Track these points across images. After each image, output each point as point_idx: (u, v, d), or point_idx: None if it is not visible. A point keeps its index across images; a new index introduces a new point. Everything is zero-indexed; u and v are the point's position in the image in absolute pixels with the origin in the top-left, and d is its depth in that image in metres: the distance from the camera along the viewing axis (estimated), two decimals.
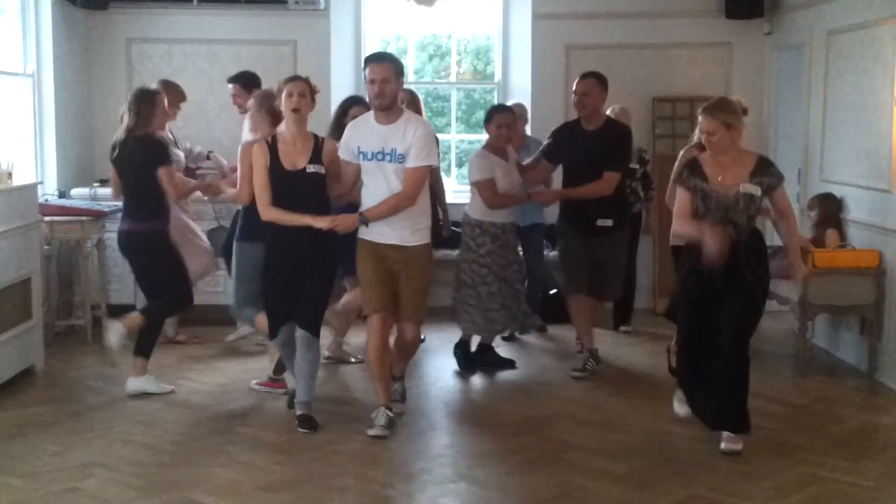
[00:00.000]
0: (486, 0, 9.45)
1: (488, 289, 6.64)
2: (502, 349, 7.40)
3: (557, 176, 7.03)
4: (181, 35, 8.86)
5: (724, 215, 5.24)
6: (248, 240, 5.97)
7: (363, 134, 5.58)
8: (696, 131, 5.59)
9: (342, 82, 8.99)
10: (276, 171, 5.53)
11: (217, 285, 7.92)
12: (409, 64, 9.79)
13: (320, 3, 8.88)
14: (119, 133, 6.20)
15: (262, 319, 5.93)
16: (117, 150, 6.19)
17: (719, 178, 5.27)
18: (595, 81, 6.68)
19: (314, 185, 5.57)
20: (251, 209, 5.77)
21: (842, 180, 7.35)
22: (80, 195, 7.96)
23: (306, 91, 5.59)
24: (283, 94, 5.57)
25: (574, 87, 6.72)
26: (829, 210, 7.26)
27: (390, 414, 5.61)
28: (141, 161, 6.13)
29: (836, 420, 5.96)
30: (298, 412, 5.67)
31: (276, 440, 5.55)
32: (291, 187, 5.52)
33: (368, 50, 9.48)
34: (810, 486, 4.94)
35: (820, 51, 7.72)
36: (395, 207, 5.52)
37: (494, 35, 9.58)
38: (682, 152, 6.45)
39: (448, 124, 9.89)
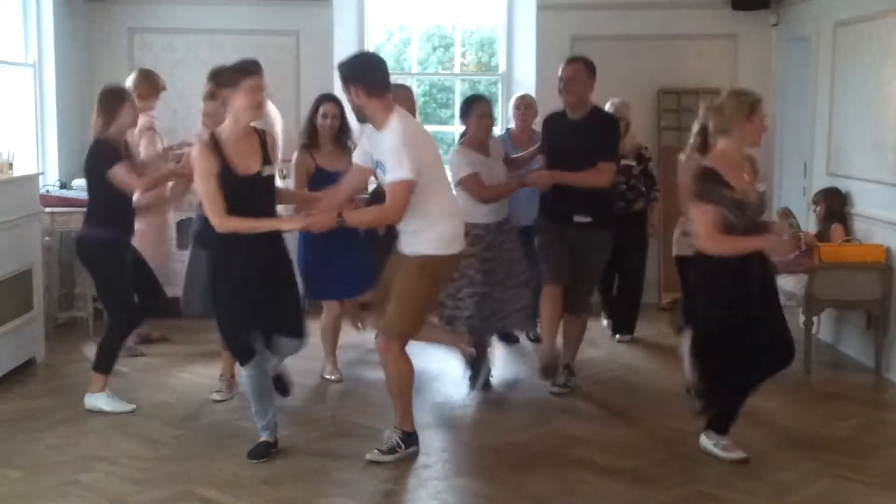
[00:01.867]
0: None
1: (455, 297, 6.18)
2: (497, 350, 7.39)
3: None
4: (183, 25, 8.81)
5: (751, 222, 4.93)
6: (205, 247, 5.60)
7: (373, 140, 5.09)
8: (695, 130, 5.21)
9: None
10: (230, 178, 4.90)
11: None
12: (413, 55, 9.75)
13: None
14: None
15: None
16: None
17: (745, 178, 4.94)
18: (582, 66, 6.19)
19: (269, 188, 5.11)
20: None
21: (848, 174, 7.30)
22: (81, 186, 7.87)
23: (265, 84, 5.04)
24: (245, 89, 4.89)
25: (559, 73, 6.27)
26: (835, 205, 7.21)
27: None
28: (90, 166, 5.87)
29: (841, 416, 5.93)
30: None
31: (278, 434, 5.51)
32: (249, 195, 4.95)
33: (372, 41, 9.45)
34: (815, 483, 4.91)
35: (827, 43, 7.67)
36: (377, 219, 5.33)
37: (499, 26, 9.53)
38: (682, 158, 5.71)
39: (452, 116, 9.85)
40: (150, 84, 7.31)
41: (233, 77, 4.93)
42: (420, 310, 5.16)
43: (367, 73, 5.00)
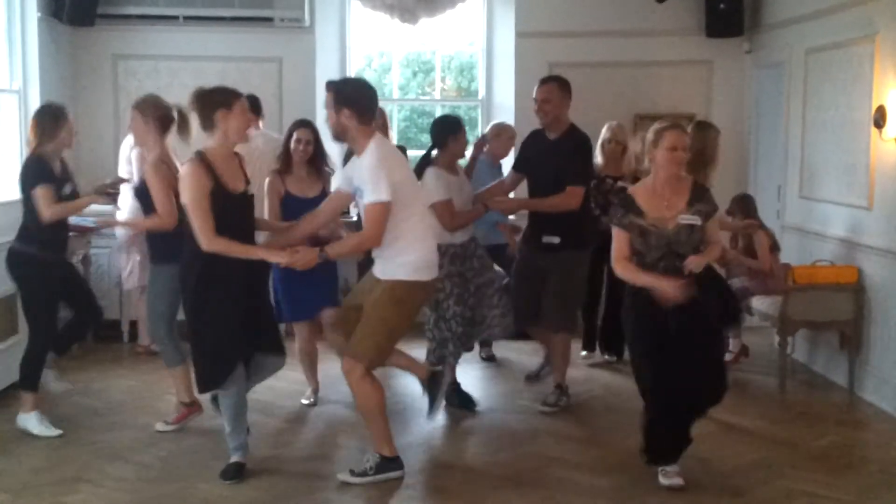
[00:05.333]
0: (469, 17, 9.53)
1: (435, 315, 6.28)
2: (479, 370, 7.45)
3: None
4: (167, 52, 8.90)
5: (669, 250, 4.97)
6: (165, 261, 5.67)
7: (353, 166, 5.21)
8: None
9: None
10: (223, 197, 4.97)
11: None
12: (394, 80, 9.86)
13: (305, 20, 8.93)
14: None
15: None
16: None
17: (665, 207, 4.98)
18: (555, 86, 6.30)
19: (252, 207, 5.22)
20: (156, 233, 5.66)
21: (821, 197, 7.45)
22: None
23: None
24: (239, 110, 5.04)
25: (534, 93, 6.38)
26: (750, 209, 7.37)
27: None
28: (22, 181, 5.84)
29: (816, 435, 6.03)
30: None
31: (262, 455, 5.57)
32: (237, 214, 5.06)
33: (354, 66, 9.56)
34: (791, 501, 5.00)
35: (799, 69, 7.83)
36: (357, 246, 5.29)
37: (478, 52, 9.66)
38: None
39: None
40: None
41: (227, 98, 5.05)
42: (387, 335, 5.14)
43: (362, 98, 5.11)
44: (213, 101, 5.04)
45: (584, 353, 7.76)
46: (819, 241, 7.41)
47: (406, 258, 5.09)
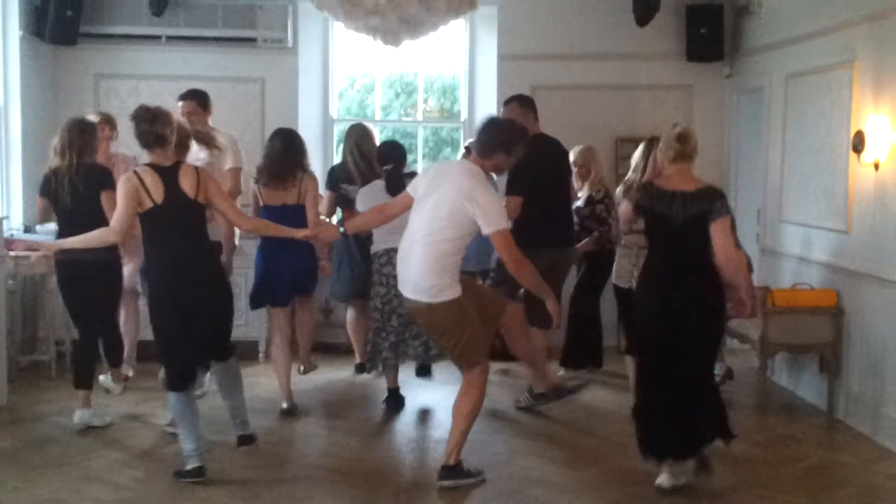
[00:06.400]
0: (452, 40, 9.57)
1: (377, 323, 6.82)
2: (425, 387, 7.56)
3: None
4: (149, 71, 8.90)
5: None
6: None
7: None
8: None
9: (310, 120, 9.07)
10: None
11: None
12: (377, 101, 9.89)
13: (288, 41, 8.95)
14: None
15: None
16: None
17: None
18: (516, 105, 6.71)
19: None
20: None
21: (800, 220, 7.50)
22: (45, 231, 7.92)
23: None
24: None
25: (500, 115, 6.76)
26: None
27: None
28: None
29: (796, 457, 6.05)
30: (242, 433, 5.73)
31: (240, 476, 5.55)
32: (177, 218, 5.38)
33: (336, 88, 9.58)
34: None
35: (778, 93, 7.90)
36: (371, 222, 5.92)
37: (461, 74, 9.70)
38: (619, 189, 6.83)
39: (415, 161, 9.98)
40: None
41: None
42: (471, 335, 5.35)
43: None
44: None
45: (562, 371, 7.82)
46: (798, 265, 7.46)
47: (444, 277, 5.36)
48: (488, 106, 9.28)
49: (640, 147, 6.74)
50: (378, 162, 7.03)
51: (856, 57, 6.67)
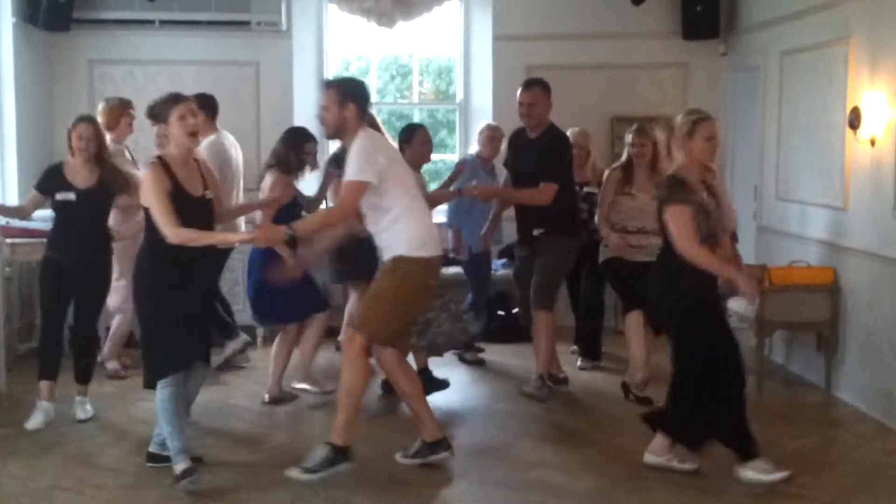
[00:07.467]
0: (446, 21, 9.54)
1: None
2: (461, 373, 7.48)
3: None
4: (143, 56, 8.88)
5: (711, 231, 5.13)
6: None
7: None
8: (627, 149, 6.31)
9: (304, 103, 9.03)
10: (181, 199, 5.06)
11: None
12: (372, 84, 9.86)
13: (282, 24, 8.92)
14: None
15: None
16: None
17: (704, 195, 5.13)
18: (541, 91, 6.57)
19: (212, 212, 5.28)
20: None
21: (797, 198, 7.50)
22: (41, 217, 7.90)
23: (196, 110, 5.24)
24: (175, 118, 5.08)
25: (519, 97, 6.59)
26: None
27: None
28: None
29: (794, 435, 6.06)
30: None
31: (242, 459, 5.57)
32: (196, 215, 5.10)
33: (331, 71, 9.56)
34: (769, 501, 5.04)
35: (774, 71, 7.88)
36: (323, 220, 5.54)
37: (456, 56, 9.67)
38: (607, 173, 6.87)
39: None
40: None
41: (164, 110, 5.13)
42: (391, 312, 5.21)
43: (365, 94, 5.39)
44: (155, 117, 5.19)
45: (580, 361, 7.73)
46: (795, 243, 7.45)
47: (403, 233, 5.20)
48: (484, 87, 9.28)
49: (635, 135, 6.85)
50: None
51: (851, 33, 6.65)
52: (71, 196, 6.05)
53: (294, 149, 6.62)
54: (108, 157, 6.22)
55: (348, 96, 5.19)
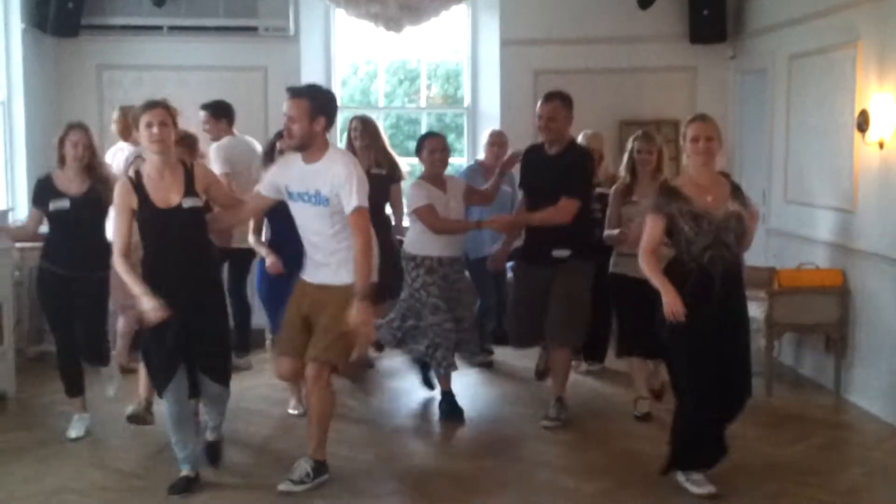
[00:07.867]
0: (454, 26, 9.56)
1: (414, 322, 6.42)
2: (470, 375, 7.48)
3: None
4: (151, 62, 8.90)
5: (716, 237, 4.97)
6: None
7: (292, 172, 5.12)
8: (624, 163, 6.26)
9: None
10: (148, 212, 4.98)
11: None
12: (380, 88, 9.88)
13: (290, 29, 8.95)
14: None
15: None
16: None
17: (708, 199, 5.02)
18: (560, 104, 6.21)
19: (192, 221, 5.08)
20: None
21: (805, 201, 7.49)
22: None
23: (167, 118, 4.99)
24: (142, 125, 4.96)
25: (538, 110, 6.26)
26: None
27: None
28: None
29: (802, 437, 6.06)
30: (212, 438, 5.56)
31: (248, 462, 5.58)
32: (166, 227, 5.01)
33: (339, 75, 9.58)
34: (779, 503, 5.03)
35: (782, 74, 7.88)
36: (366, 261, 5.00)
37: (463, 60, 9.69)
38: (613, 189, 6.48)
39: None
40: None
41: (136, 117, 5.06)
42: (349, 337, 5.09)
43: (335, 108, 5.24)
44: (134, 122, 5.16)
45: (586, 364, 7.65)
46: (804, 245, 7.44)
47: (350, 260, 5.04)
48: (492, 91, 9.29)
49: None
50: None
51: (859, 37, 6.64)
52: (65, 204, 5.85)
53: (269, 151, 6.44)
54: (98, 164, 6.01)
55: (319, 111, 5.03)
